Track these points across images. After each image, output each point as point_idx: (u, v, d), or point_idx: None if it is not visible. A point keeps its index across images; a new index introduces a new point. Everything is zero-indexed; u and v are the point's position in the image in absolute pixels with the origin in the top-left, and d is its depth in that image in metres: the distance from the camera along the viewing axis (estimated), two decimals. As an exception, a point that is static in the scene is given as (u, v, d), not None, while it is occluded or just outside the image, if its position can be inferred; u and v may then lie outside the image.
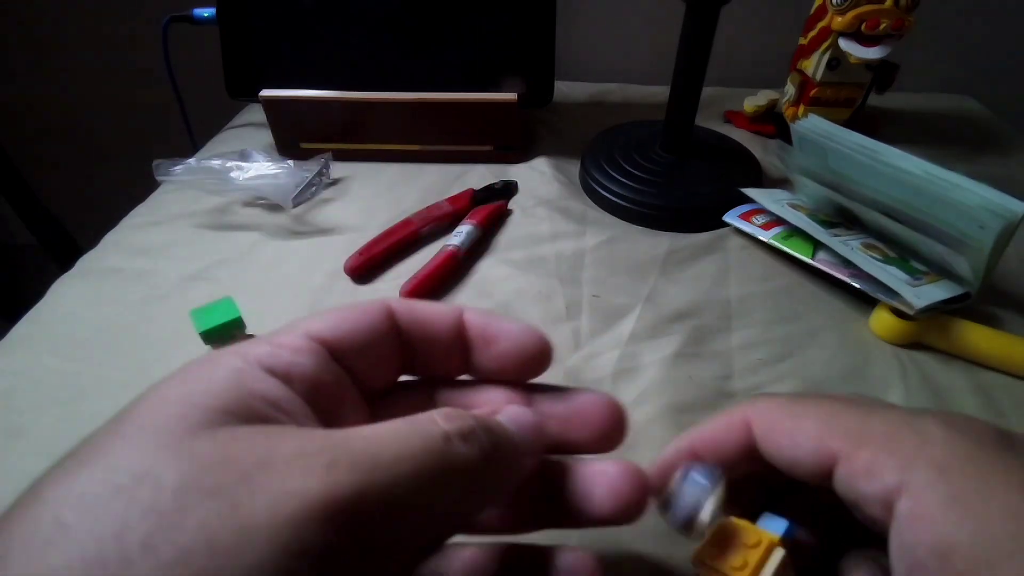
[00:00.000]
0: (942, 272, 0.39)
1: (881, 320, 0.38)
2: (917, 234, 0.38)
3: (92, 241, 0.49)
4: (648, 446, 0.33)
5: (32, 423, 0.34)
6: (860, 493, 0.15)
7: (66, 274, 0.45)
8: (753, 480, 0.21)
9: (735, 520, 0.19)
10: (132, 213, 0.52)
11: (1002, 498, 0.13)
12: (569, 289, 0.43)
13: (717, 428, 0.19)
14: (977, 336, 0.36)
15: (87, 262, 0.46)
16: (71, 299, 0.43)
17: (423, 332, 0.19)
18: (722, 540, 0.18)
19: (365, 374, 0.18)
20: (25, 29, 0.83)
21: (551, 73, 0.58)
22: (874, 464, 0.15)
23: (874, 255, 0.40)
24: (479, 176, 0.55)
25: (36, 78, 0.88)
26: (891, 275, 0.38)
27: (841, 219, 0.45)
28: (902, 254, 0.41)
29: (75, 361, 0.38)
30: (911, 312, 0.36)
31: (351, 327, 0.18)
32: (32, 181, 0.89)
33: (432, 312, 0.19)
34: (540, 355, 0.19)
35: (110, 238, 0.49)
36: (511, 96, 0.53)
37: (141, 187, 0.54)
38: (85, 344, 0.39)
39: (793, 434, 0.17)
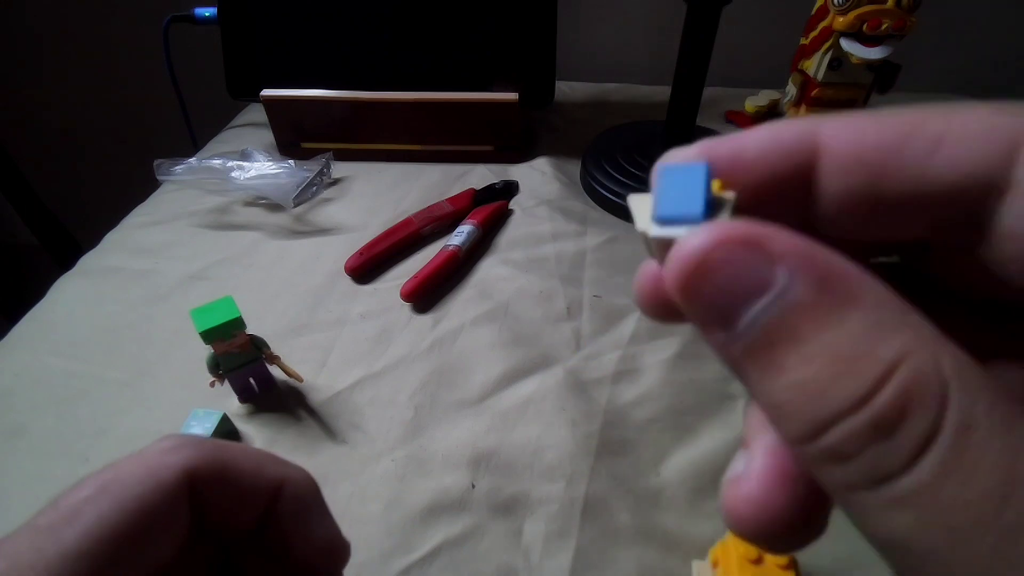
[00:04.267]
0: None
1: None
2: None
3: (93, 241, 0.49)
4: (649, 449, 0.33)
5: (32, 422, 0.34)
6: None
7: (67, 274, 0.45)
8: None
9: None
10: (133, 213, 0.52)
11: None
12: (570, 289, 0.43)
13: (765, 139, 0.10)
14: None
15: (88, 261, 0.46)
16: (72, 299, 0.43)
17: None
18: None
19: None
20: (25, 29, 0.83)
21: (552, 73, 0.58)
22: None
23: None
24: (480, 176, 0.55)
25: (37, 78, 0.88)
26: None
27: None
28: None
29: (75, 360, 0.38)
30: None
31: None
32: (33, 181, 0.89)
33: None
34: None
35: (111, 237, 0.49)
36: (512, 96, 0.53)
37: (142, 187, 0.54)
38: (85, 343, 0.39)
39: (950, 131, 0.09)
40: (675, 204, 0.09)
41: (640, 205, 0.10)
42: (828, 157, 0.09)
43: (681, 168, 0.10)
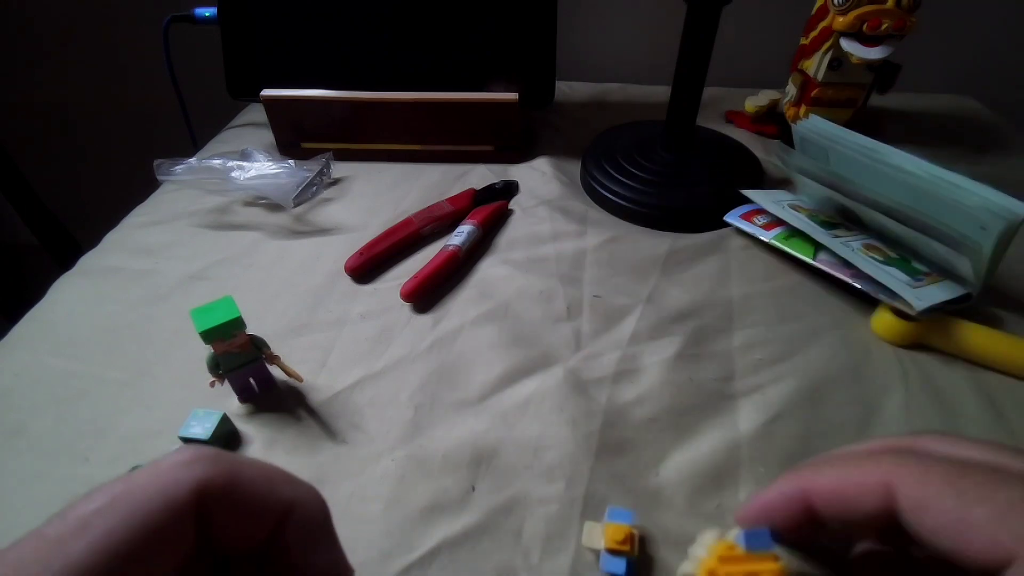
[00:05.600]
0: (944, 273, 0.39)
1: (882, 321, 0.38)
2: (919, 234, 0.38)
3: (93, 241, 0.49)
4: (648, 449, 0.33)
5: (32, 422, 0.34)
6: None
7: (66, 274, 0.45)
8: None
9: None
10: (133, 213, 0.52)
11: None
12: (570, 289, 0.43)
13: (847, 481, 0.16)
14: (978, 337, 0.36)
15: (88, 261, 0.46)
16: (72, 299, 0.43)
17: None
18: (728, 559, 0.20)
19: None
20: (26, 29, 0.83)
21: (552, 73, 0.58)
22: None
23: (875, 256, 0.40)
24: (480, 176, 0.55)
25: (37, 78, 0.88)
26: (892, 276, 0.38)
27: (842, 220, 0.45)
28: (903, 254, 0.41)
29: (75, 360, 0.38)
30: (912, 313, 0.36)
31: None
32: (33, 181, 0.89)
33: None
34: None
35: (111, 237, 0.49)
36: (512, 96, 0.53)
37: (141, 187, 0.54)
38: (85, 344, 0.39)
39: (961, 522, 0.15)
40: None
41: None
42: (903, 509, 0.16)
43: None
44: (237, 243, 0.48)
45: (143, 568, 0.13)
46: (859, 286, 0.39)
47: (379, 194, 0.53)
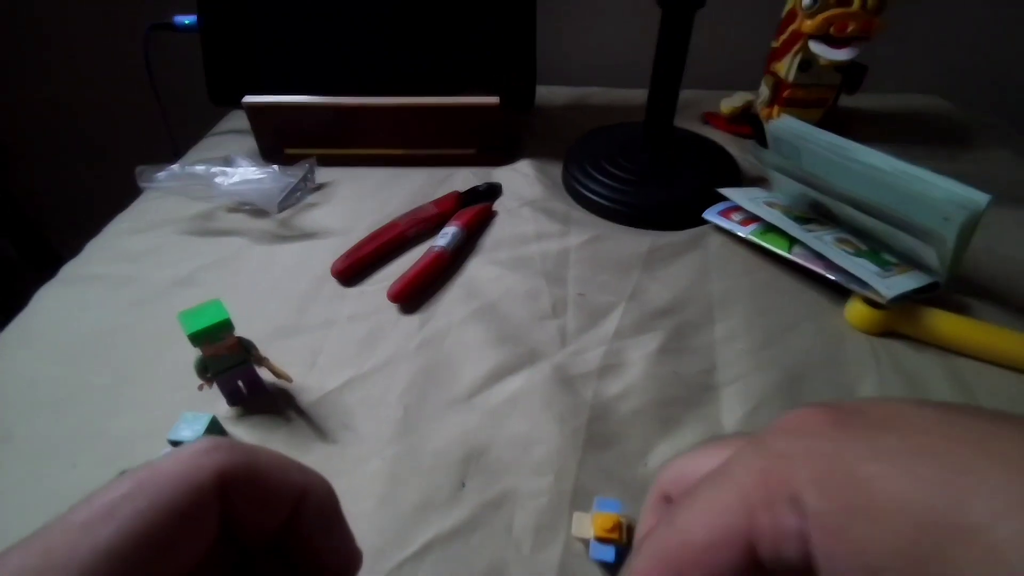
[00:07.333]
0: (912, 263, 0.41)
1: (855, 310, 0.39)
2: (887, 227, 0.40)
3: (74, 251, 0.48)
4: (635, 441, 0.33)
5: (20, 428, 0.34)
6: None
7: (49, 282, 0.45)
8: None
9: None
10: (115, 220, 0.52)
11: None
12: (555, 288, 0.43)
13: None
14: (947, 324, 0.38)
15: (70, 270, 0.46)
16: (55, 306, 0.43)
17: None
18: None
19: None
20: (6, 37, 0.82)
21: (533, 77, 0.59)
22: None
23: (847, 249, 0.41)
24: (464, 179, 0.56)
25: (18, 85, 0.87)
26: (862, 267, 0.39)
27: (816, 215, 0.46)
28: (874, 247, 0.42)
29: (62, 366, 0.38)
30: (883, 302, 0.37)
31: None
32: (12, 189, 0.88)
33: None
34: None
35: (93, 245, 0.49)
36: (493, 100, 0.54)
37: (124, 194, 0.54)
38: (71, 349, 0.39)
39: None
40: None
41: None
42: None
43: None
44: (222, 249, 0.48)
45: (170, 552, 0.13)
46: (832, 277, 0.40)
47: (364, 198, 0.54)
